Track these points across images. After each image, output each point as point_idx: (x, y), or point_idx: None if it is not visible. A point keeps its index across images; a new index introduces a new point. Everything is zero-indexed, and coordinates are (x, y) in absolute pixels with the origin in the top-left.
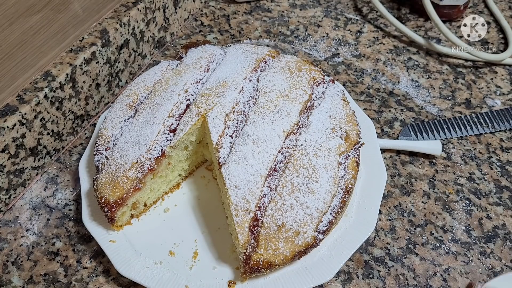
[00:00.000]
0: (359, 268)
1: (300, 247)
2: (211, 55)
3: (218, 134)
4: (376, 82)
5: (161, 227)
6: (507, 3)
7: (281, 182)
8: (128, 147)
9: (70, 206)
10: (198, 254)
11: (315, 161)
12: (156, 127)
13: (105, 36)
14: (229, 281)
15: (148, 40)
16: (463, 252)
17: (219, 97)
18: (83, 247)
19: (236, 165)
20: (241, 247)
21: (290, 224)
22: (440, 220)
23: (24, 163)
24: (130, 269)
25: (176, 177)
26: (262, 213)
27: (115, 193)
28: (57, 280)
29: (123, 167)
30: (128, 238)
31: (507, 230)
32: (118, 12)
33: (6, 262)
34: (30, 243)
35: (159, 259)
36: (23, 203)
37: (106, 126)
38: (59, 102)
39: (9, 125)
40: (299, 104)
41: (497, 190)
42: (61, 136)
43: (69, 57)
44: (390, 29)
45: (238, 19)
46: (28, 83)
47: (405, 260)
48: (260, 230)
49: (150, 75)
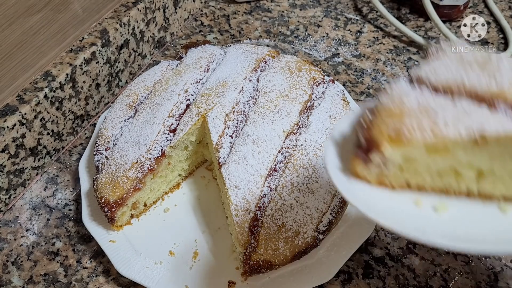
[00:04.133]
0: (359, 268)
1: (300, 247)
2: (211, 55)
3: (218, 134)
4: (376, 82)
5: (161, 227)
6: (507, 3)
7: (281, 182)
8: (128, 147)
9: (70, 206)
10: (198, 254)
11: (315, 161)
12: (156, 127)
13: (105, 36)
14: (229, 281)
15: (148, 40)
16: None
17: (219, 97)
18: (83, 247)
19: (236, 165)
20: (241, 247)
21: (290, 224)
22: None
23: (24, 163)
24: (130, 269)
25: (176, 177)
26: (262, 213)
27: (115, 193)
28: (57, 280)
29: (123, 167)
30: (128, 238)
31: None
32: (118, 12)
33: (6, 262)
34: (30, 243)
35: (159, 259)
36: (23, 203)
37: (106, 126)
38: (59, 102)
39: (9, 125)
40: (299, 104)
41: None
42: (61, 136)
43: (69, 57)
44: (390, 29)
45: (238, 19)
46: (28, 83)
47: (405, 260)
48: (260, 230)
49: (150, 75)
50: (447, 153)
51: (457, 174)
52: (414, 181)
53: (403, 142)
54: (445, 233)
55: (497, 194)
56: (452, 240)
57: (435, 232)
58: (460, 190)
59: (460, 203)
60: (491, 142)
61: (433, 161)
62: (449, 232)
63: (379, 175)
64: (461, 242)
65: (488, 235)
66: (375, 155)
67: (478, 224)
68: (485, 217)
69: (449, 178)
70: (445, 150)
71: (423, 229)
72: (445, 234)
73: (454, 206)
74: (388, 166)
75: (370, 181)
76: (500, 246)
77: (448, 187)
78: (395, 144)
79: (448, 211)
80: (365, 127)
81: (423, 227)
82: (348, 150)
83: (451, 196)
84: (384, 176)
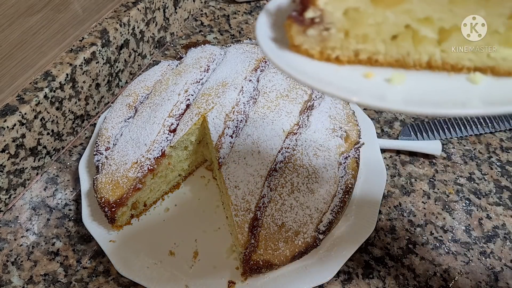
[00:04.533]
0: (359, 268)
1: (300, 247)
2: (211, 55)
3: (218, 134)
4: None
5: (161, 227)
6: None
7: (281, 182)
8: (128, 147)
9: (70, 206)
10: (198, 254)
11: (315, 161)
12: (156, 127)
13: (105, 36)
14: (229, 281)
15: (148, 40)
16: (463, 252)
17: (219, 97)
18: (83, 247)
19: (236, 165)
20: (241, 247)
21: (290, 224)
22: (440, 220)
23: (24, 163)
24: (130, 269)
25: (176, 177)
26: (262, 213)
27: (115, 193)
28: (57, 280)
29: (123, 167)
30: (128, 238)
31: (507, 230)
32: (118, 12)
33: (6, 262)
34: (30, 243)
35: (159, 259)
36: (23, 203)
37: (106, 126)
38: (59, 102)
39: (9, 125)
40: (299, 104)
41: (497, 190)
42: (61, 136)
43: (69, 57)
44: None
45: (238, 19)
46: (28, 83)
47: (405, 260)
48: (260, 230)
49: (150, 75)
50: (397, 1)
51: (415, 38)
52: (365, 52)
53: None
54: (406, 98)
55: (465, 62)
56: (417, 105)
57: (390, 98)
58: (421, 61)
59: (420, 76)
60: None
61: (383, 17)
62: (410, 98)
63: (322, 47)
64: (430, 106)
65: (458, 100)
66: (311, 10)
67: (444, 92)
68: (451, 88)
69: (406, 44)
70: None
71: (375, 95)
72: (406, 99)
73: (413, 79)
74: (330, 29)
75: (312, 55)
76: (483, 109)
77: (406, 58)
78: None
79: (405, 83)
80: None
81: (374, 93)
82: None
83: (411, 70)
84: (329, 48)
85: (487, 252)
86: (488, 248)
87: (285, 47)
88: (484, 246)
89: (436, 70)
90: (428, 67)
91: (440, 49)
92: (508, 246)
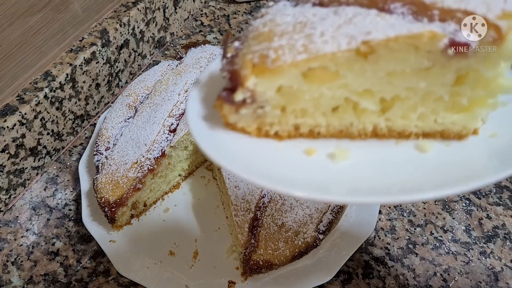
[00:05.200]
0: (359, 268)
1: (300, 247)
2: (211, 55)
3: None
4: None
5: (161, 227)
6: None
7: None
8: (128, 147)
9: (70, 206)
10: (198, 254)
11: None
12: (156, 127)
13: (105, 36)
14: (229, 281)
15: (148, 40)
16: (463, 252)
17: None
18: (83, 247)
19: None
20: (241, 247)
21: (290, 224)
22: (440, 220)
23: (24, 163)
24: (130, 269)
25: (176, 177)
26: (262, 213)
27: (115, 193)
28: (57, 280)
29: (123, 167)
30: (128, 238)
31: (507, 230)
32: (118, 12)
33: (6, 262)
34: (30, 243)
35: (159, 259)
36: (23, 203)
37: (106, 126)
38: (59, 102)
39: (9, 125)
40: None
41: (497, 190)
42: (61, 136)
43: (69, 57)
44: None
45: (238, 19)
46: (28, 83)
47: (405, 260)
48: (260, 230)
49: (150, 75)
50: (332, 77)
51: (356, 109)
52: (305, 126)
53: (269, 69)
54: (351, 186)
55: (412, 129)
56: (362, 194)
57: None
58: (366, 131)
59: (366, 147)
60: (380, 51)
61: (319, 92)
62: (355, 185)
63: (259, 123)
64: (377, 195)
65: (406, 182)
66: (240, 91)
67: (391, 170)
68: (398, 162)
69: (348, 115)
70: (328, 74)
71: (318, 185)
72: (351, 188)
73: (358, 152)
74: (264, 107)
75: (249, 132)
76: (424, 194)
77: (350, 128)
78: (260, 73)
79: (349, 158)
80: (229, 60)
81: (316, 180)
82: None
83: (356, 141)
84: (267, 125)
85: (487, 252)
86: (488, 248)
87: (221, 125)
88: (484, 246)
89: (383, 138)
90: (374, 135)
91: (384, 118)
92: (508, 246)
